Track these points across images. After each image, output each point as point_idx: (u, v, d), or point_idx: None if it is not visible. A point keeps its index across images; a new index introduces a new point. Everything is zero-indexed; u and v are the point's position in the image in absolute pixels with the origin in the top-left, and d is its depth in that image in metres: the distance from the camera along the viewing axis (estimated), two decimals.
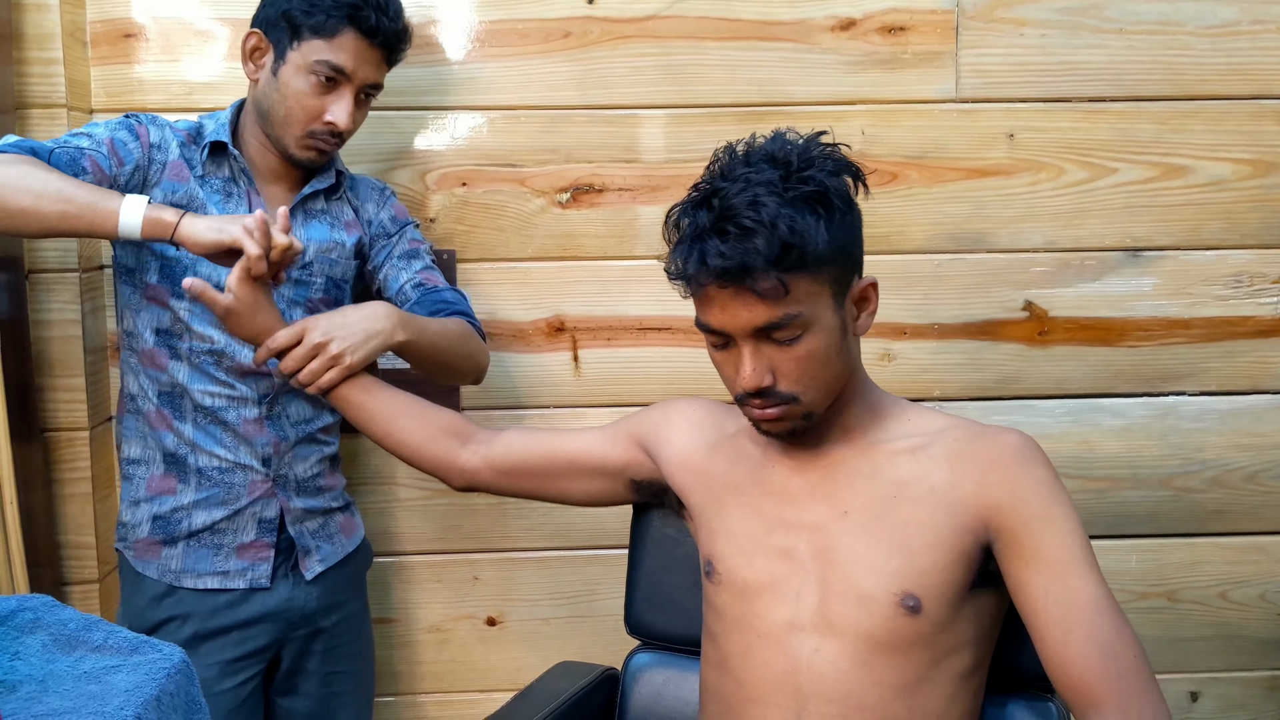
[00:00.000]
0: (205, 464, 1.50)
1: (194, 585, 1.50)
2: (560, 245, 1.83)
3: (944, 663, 1.15)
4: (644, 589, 1.46)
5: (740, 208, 1.09)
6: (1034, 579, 1.10)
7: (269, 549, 1.53)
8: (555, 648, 1.90)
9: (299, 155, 1.48)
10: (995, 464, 1.15)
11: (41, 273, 1.71)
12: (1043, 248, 1.84)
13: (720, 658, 1.23)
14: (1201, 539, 1.90)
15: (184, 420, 1.50)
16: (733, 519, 1.24)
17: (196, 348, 1.48)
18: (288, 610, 1.54)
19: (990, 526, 1.14)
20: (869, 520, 1.17)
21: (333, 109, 1.45)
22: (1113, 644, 1.06)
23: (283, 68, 1.44)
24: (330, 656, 1.60)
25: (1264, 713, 1.95)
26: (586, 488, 1.39)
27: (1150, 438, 1.88)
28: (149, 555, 1.51)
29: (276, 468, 1.53)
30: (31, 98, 1.68)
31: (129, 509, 1.53)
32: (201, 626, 1.50)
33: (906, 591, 1.13)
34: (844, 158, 1.16)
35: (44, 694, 1.08)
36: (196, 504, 1.50)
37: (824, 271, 1.12)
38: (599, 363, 1.85)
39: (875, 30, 1.80)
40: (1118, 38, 1.80)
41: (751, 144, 1.17)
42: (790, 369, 1.13)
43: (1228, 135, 1.82)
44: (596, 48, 1.79)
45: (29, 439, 1.68)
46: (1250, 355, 1.87)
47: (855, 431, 1.22)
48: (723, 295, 1.11)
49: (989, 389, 1.87)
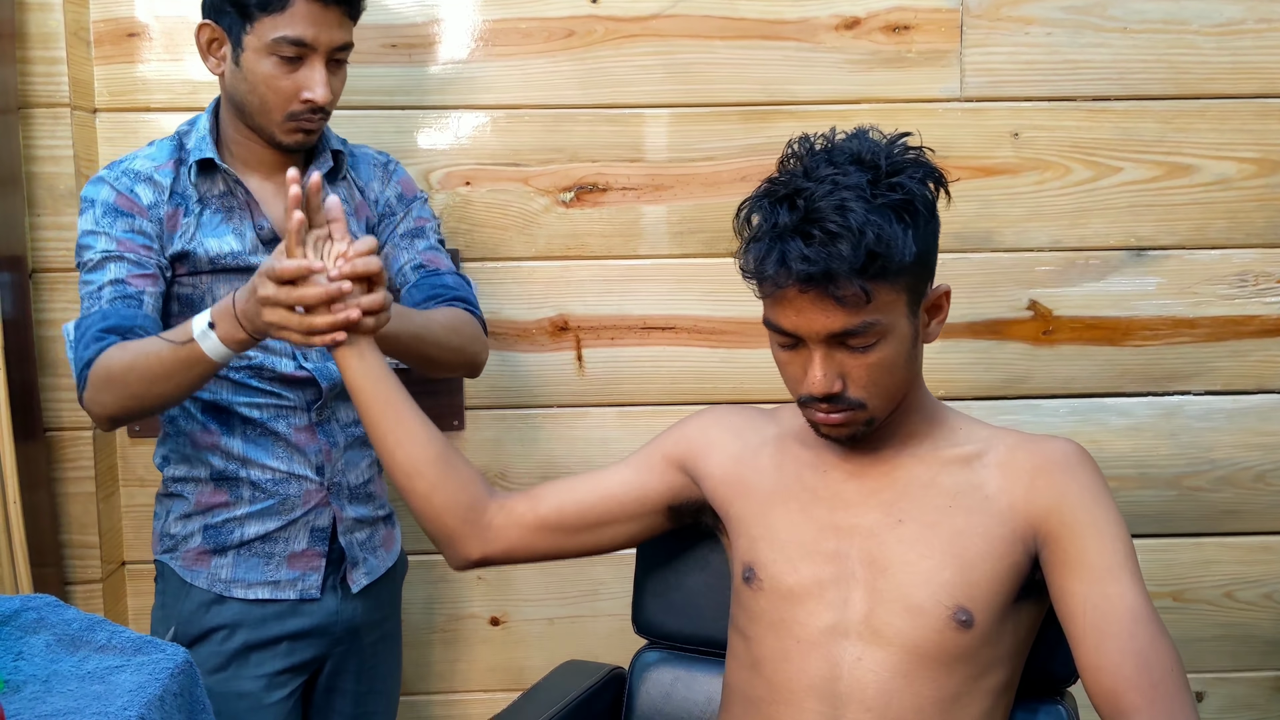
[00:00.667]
0: (258, 477, 1.45)
1: (244, 595, 1.46)
2: (564, 244, 1.83)
3: (984, 678, 1.13)
4: (652, 588, 1.45)
5: (827, 211, 1.05)
6: (1075, 585, 1.09)
7: (320, 558, 1.48)
8: (559, 648, 1.89)
9: (286, 141, 1.40)
10: (1043, 470, 1.14)
11: (45, 272, 1.71)
12: (1048, 247, 1.84)
13: (753, 659, 1.20)
14: (1209, 539, 1.89)
15: (232, 435, 1.45)
16: (779, 524, 1.21)
17: (235, 363, 1.41)
18: (334, 624, 1.50)
19: (1039, 534, 1.13)
20: (923, 529, 1.15)
21: (307, 84, 1.36)
22: (1148, 653, 1.04)
23: (243, 55, 1.36)
24: (365, 675, 1.56)
25: (1271, 713, 1.94)
26: (627, 531, 1.29)
27: (1158, 437, 1.87)
28: (199, 564, 1.47)
29: (330, 475, 1.48)
30: (35, 97, 1.68)
31: (178, 522, 1.48)
32: (251, 636, 1.46)
33: (959, 605, 1.11)
34: (930, 164, 1.13)
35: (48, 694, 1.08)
36: (250, 516, 1.46)
37: (903, 280, 1.09)
38: (603, 362, 1.85)
39: (880, 29, 1.79)
40: (1122, 36, 1.80)
41: (832, 141, 1.13)
42: (861, 376, 1.11)
43: (1233, 134, 1.82)
44: (600, 47, 1.79)
45: (32, 438, 1.68)
46: (1256, 354, 1.87)
47: (912, 439, 1.20)
48: (801, 299, 1.08)
49: (995, 389, 1.86)
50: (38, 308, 1.71)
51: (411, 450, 1.22)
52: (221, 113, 1.46)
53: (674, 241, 1.83)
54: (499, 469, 1.86)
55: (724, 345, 1.84)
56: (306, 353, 1.46)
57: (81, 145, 1.72)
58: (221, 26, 1.38)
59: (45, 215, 1.70)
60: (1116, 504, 1.13)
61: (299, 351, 1.45)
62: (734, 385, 1.83)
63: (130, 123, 1.76)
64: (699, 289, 1.83)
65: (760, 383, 1.82)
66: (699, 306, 1.84)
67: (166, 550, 1.49)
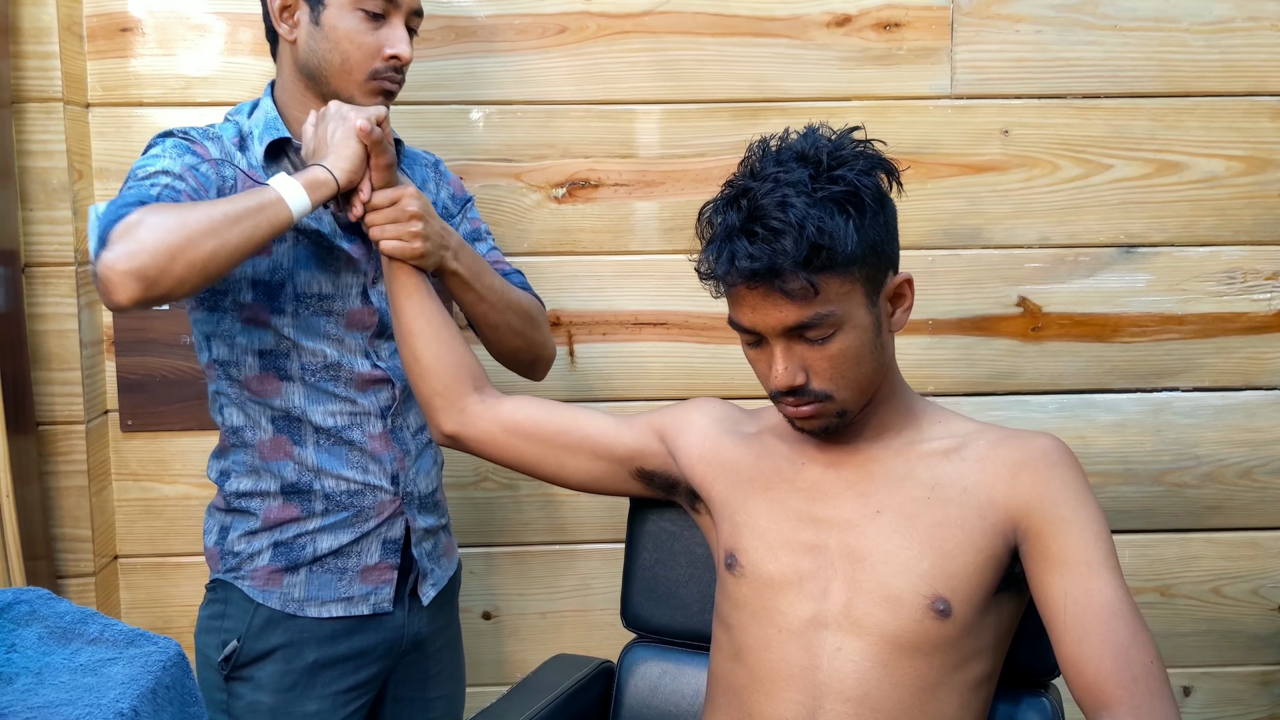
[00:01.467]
0: (332, 488, 1.40)
1: (317, 614, 1.40)
2: (556, 240, 1.83)
3: (963, 668, 1.14)
4: (641, 582, 1.46)
5: (769, 208, 1.08)
6: (1055, 580, 1.10)
7: (392, 571, 1.44)
8: (550, 642, 1.90)
9: (366, 102, 1.35)
10: (1026, 465, 1.15)
11: (38, 266, 1.72)
12: (1037, 244, 1.85)
13: (735, 649, 1.22)
14: (1195, 534, 1.91)
15: (304, 445, 1.39)
16: (759, 513, 1.23)
17: (309, 365, 1.38)
18: (400, 637, 1.47)
19: (1019, 528, 1.14)
20: (902, 520, 1.16)
21: (390, 41, 1.34)
22: (1128, 648, 1.05)
23: (324, 13, 1.33)
24: (431, 682, 1.53)
25: (1256, 707, 1.95)
26: (589, 468, 1.33)
27: (1144, 433, 1.89)
28: (270, 584, 1.40)
29: (404, 485, 1.44)
30: (27, 92, 1.68)
31: (243, 540, 1.41)
32: (320, 655, 1.41)
33: (938, 595, 1.12)
34: (877, 154, 1.15)
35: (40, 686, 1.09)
36: (322, 529, 1.40)
37: (855, 270, 1.11)
38: (594, 358, 1.86)
39: (870, 26, 1.80)
40: (1113, 34, 1.81)
41: (785, 140, 1.16)
42: (823, 367, 1.13)
43: (1222, 132, 1.83)
44: (592, 43, 1.79)
45: (24, 432, 1.68)
46: (1244, 351, 1.88)
47: (889, 431, 1.21)
48: (753, 296, 1.11)
49: (983, 384, 1.87)
50: (30, 301, 1.71)
51: (420, 318, 1.32)
52: (281, 94, 1.40)
53: (665, 238, 1.83)
54: (490, 464, 1.86)
55: (714, 341, 1.84)
56: (379, 350, 1.43)
57: (74, 140, 1.72)
58: None
59: (38, 209, 1.71)
60: (1097, 500, 1.14)
61: (372, 349, 1.42)
62: (723, 381, 1.84)
63: (123, 118, 1.77)
64: (690, 285, 1.82)
65: (749, 378, 1.79)
66: (689, 302, 1.85)
67: (230, 570, 1.42)
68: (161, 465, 1.83)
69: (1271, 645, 1.93)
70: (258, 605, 1.40)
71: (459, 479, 1.85)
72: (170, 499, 1.84)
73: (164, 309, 1.78)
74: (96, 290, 1.20)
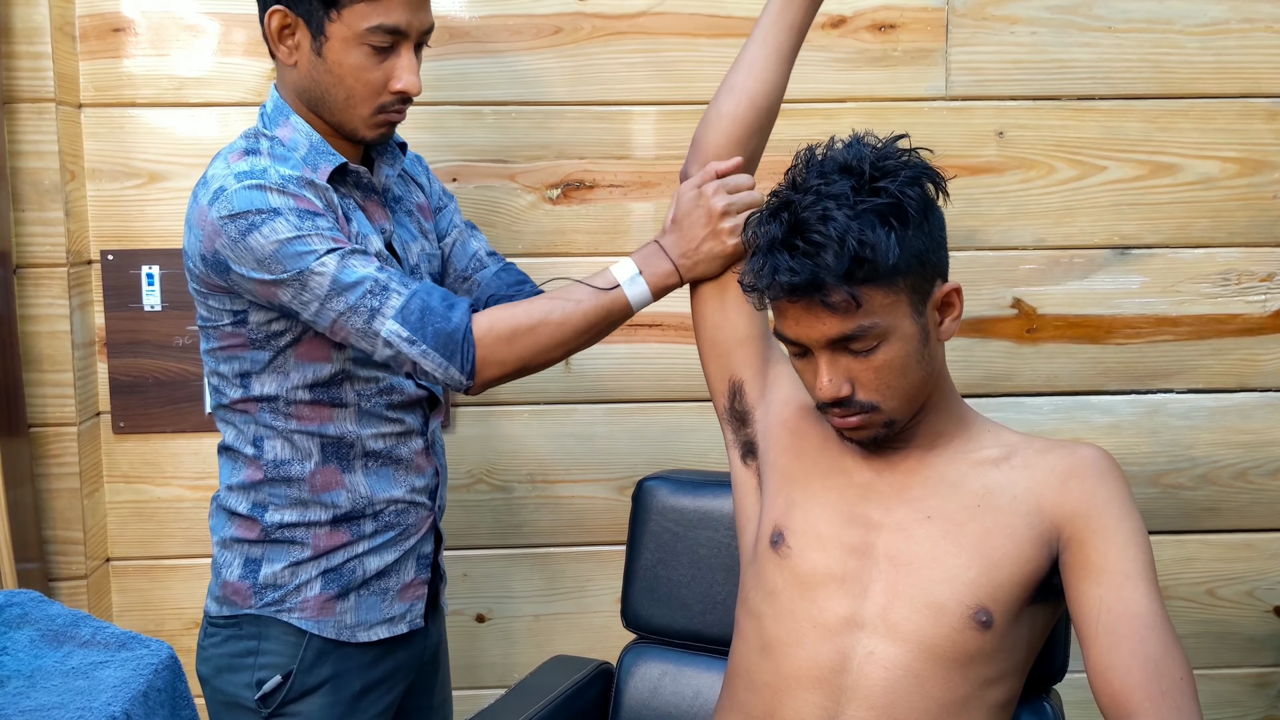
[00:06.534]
0: (382, 509, 1.36)
1: (366, 638, 1.36)
2: (550, 241, 1.83)
3: (993, 687, 1.13)
4: (643, 583, 1.45)
5: (810, 221, 1.07)
6: (1091, 588, 1.09)
7: (424, 585, 1.42)
8: (545, 644, 1.89)
9: (369, 135, 1.29)
10: (1075, 473, 1.14)
11: (30, 267, 1.71)
12: (1032, 245, 1.85)
13: (764, 642, 1.19)
14: (1190, 536, 1.91)
15: (353, 471, 1.34)
16: (814, 500, 1.21)
17: (365, 391, 1.33)
18: (426, 648, 1.45)
19: (1063, 535, 1.13)
20: (952, 528, 1.15)
21: (398, 75, 1.26)
22: (1158, 661, 1.04)
23: (326, 45, 1.24)
24: (436, 688, 1.52)
25: (1252, 709, 1.95)
26: (723, 311, 1.33)
27: (1139, 435, 1.89)
28: (324, 613, 1.34)
29: (439, 499, 1.44)
30: (20, 92, 1.67)
31: (287, 571, 1.33)
32: (364, 680, 1.37)
33: (981, 605, 1.11)
34: (921, 163, 1.14)
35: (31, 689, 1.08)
36: (370, 551, 1.36)
37: (899, 281, 1.10)
38: (590, 360, 1.85)
39: (866, 28, 1.80)
40: (1107, 36, 1.81)
41: (830, 149, 1.15)
42: (869, 378, 1.12)
43: (1216, 134, 1.83)
44: (588, 44, 1.79)
45: (16, 434, 1.67)
46: (1238, 353, 1.88)
47: (941, 439, 1.20)
48: (795, 309, 1.10)
49: (979, 386, 1.87)
50: (22, 303, 1.70)
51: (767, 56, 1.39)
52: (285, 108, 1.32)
53: None
54: (485, 467, 1.86)
55: None
56: None
57: (66, 140, 1.71)
58: (297, 13, 1.24)
59: (30, 210, 1.70)
60: (1140, 514, 1.13)
61: None
62: None
63: (115, 118, 1.76)
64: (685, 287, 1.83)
65: None
66: (686, 304, 1.82)
67: (270, 604, 1.34)
68: (154, 467, 1.82)
69: (1267, 647, 1.94)
70: (311, 636, 1.34)
71: (453, 482, 1.85)
72: (162, 501, 1.83)
73: (157, 311, 1.78)
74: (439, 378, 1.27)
